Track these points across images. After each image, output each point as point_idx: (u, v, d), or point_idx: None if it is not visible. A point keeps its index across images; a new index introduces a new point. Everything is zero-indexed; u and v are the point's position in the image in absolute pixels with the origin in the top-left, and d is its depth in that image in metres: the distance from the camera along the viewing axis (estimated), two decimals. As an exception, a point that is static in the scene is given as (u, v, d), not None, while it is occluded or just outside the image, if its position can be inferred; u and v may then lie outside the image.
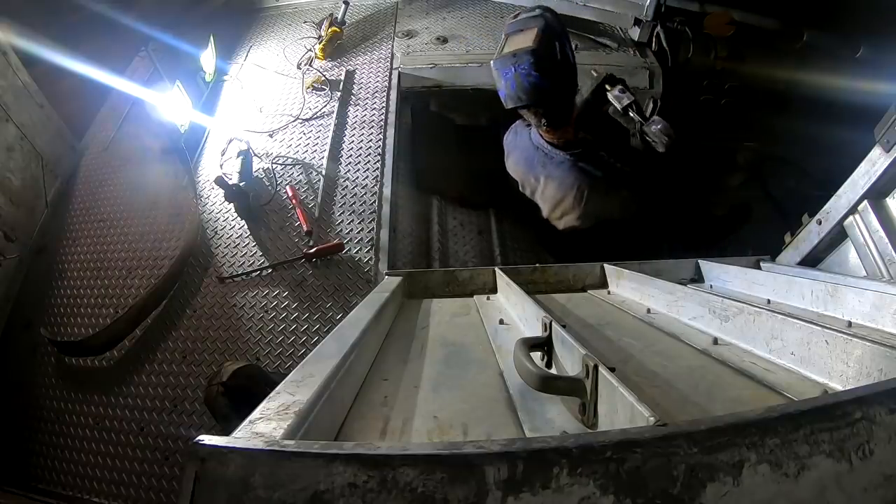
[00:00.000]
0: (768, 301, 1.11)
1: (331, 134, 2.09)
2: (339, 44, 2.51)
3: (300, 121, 2.17)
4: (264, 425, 0.47)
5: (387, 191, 1.90)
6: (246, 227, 1.84)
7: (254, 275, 1.72)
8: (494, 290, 1.37)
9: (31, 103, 1.97)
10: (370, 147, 2.05)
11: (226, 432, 0.43)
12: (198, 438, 0.37)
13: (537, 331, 0.83)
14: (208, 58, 2.34)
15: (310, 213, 1.84)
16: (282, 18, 2.81)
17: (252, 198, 1.86)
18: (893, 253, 1.15)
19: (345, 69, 2.38)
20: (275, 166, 2.00)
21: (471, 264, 2.00)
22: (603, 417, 0.58)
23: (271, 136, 2.14)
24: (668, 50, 2.26)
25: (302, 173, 1.99)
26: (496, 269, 1.37)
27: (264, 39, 2.67)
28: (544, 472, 0.34)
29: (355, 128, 2.13)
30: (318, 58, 2.43)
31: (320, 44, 2.43)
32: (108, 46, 2.42)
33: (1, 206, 1.80)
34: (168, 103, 2.04)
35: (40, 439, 1.55)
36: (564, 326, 0.76)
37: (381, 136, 2.08)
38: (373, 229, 1.78)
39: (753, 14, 2.25)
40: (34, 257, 1.94)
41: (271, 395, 0.54)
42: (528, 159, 1.79)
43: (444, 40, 2.46)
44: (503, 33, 1.58)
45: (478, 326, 1.07)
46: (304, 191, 1.93)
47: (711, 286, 1.34)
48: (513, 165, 1.91)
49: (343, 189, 1.93)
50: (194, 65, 2.34)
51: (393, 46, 2.47)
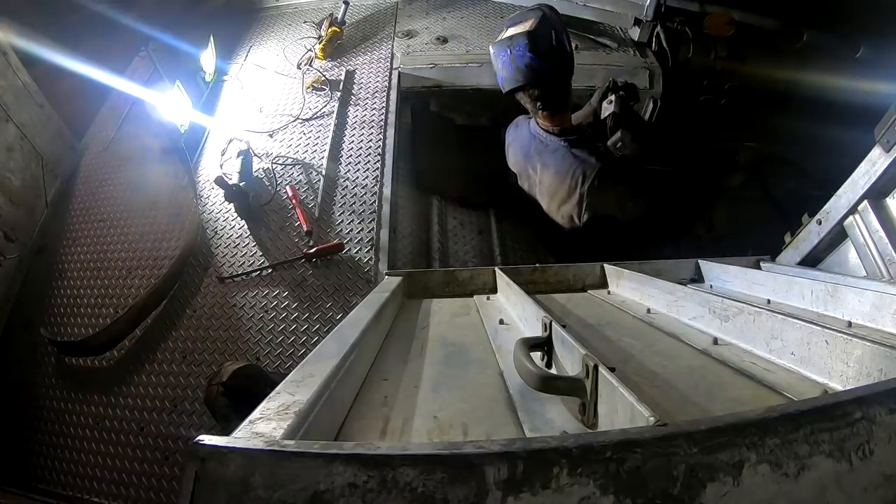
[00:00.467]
0: (768, 301, 1.11)
1: (331, 134, 2.09)
2: (339, 44, 2.51)
3: (300, 121, 2.17)
4: (264, 425, 0.47)
5: (387, 191, 1.90)
6: (246, 227, 1.84)
7: (254, 275, 1.72)
8: (494, 290, 1.37)
9: (31, 103, 1.97)
10: (370, 147, 2.05)
11: (226, 432, 0.43)
12: (198, 438, 0.37)
13: (537, 331, 0.83)
14: (208, 58, 2.34)
15: (310, 213, 1.84)
16: (282, 18, 2.81)
17: (252, 198, 1.86)
18: (893, 253, 1.15)
19: (345, 69, 2.38)
20: (275, 166, 2.00)
21: (471, 264, 2.00)
22: (603, 417, 0.58)
23: (271, 136, 2.14)
24: (668, 50, 2.26)
25: (302, 173, 1.99)
26: (496, 269, 1.37)
27: (264, 39, 2.67)
28: (544, 472, 0.34)
29: (355, 128, 2.13)
30: (318, 58, 2.43)
31: (320, 44, 2.43)
32: (108, 46, 2.42)
33: (1, 206, 1.80)
34: (168, 103, 2.04)
35: (40, 439, 1.55)
36: (564, 326, 0.76)
37: (381, 136, 2.08)
38: (373, 229, 1.78)
39: (753, 14, 2.25)
40: (34, 257, 1.94)
41: (271, 395, 0.54)
42: (525, 149, 1.81)
43: (444, 40, 2.46)
44: (504, 26, 1.62)
45: (478, 326, 1.07)
46: (304, 191, 1.93)
47: (711, 286, 1.34)
48: (512, 158, 1.92)
49: (343, 189, 1.93)
50: (194, 65, 2.34)
51: (393, 46, 2.47)
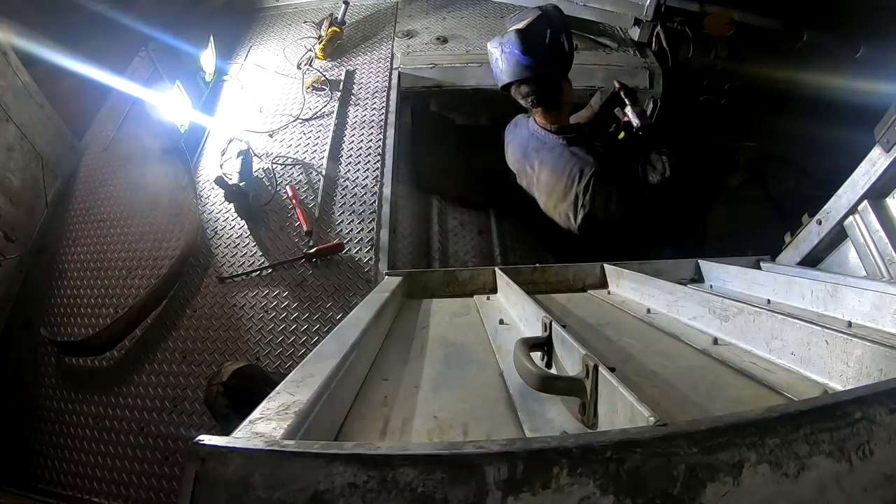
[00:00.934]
0: (768, 301, 1.11)
1: (331, 134, 2.09)
2: (339, 44, 2.51)
3: (300, 121, 2.17)
4: (264, 425, 0.47)
5: (387, 191, 1.90)
6: (246, 227, 1.84)
7: (254, 275, 1.72)
8: (494, 290, 1.37)
9: (31, 103, 1.97)
10: (370, 147, 2.05)
11: (226, 432, 0.43)
12: (198, 438, 0.37)
13: (537, 331, 0.83)
14: (208, 58, 2.34)
15: (310, 213, 1.84)
16: (282, 18, 2.81)
17: (252, 198, 1.86)
18: (893, 253, 1.15)
19: (345, 69, 2.38)
20: (275, 166, 2.00)
21: (471, 264, 2.00)
22: (603, 417, 0.58)
23: (271, 136, 2.14)
24: (668, 50, 2.26)
25: (302, 173, 1.99)
26: (496, 269, 1.37)
27: (264, 39, 2.67)
28: (544, 472, 0.34)
29: (355, 128, 2.13)
30: (318, 58, 2.43)
31: (320, 44, 2.43)
32: (108, 46, 2.42)
33: (1, 206, 1.80)
34: (168, 103, 2.04)
35: (40, 439, 1.55)
36: (564, 326, 0.76)
37: (381, 136, 2.08)
38: (373, 229, 1.78)
39: (753, 14, 2.25)
40: (34, 257, 1.94)
41: (271, 395, 0.54)
42: (523, 147, 1.82)
43: (444, 40, 2.46)
44: (506, 24, 1.65)
45: (478, 326, 1.07)
46: (304, 191, 1.93)
47: (711, 286, 1.34)
48: (511, 156, 1.93)
49: (343, 189, 1.93)
50: (194, 65, 2.34)
51: (393, 46, 2.47)
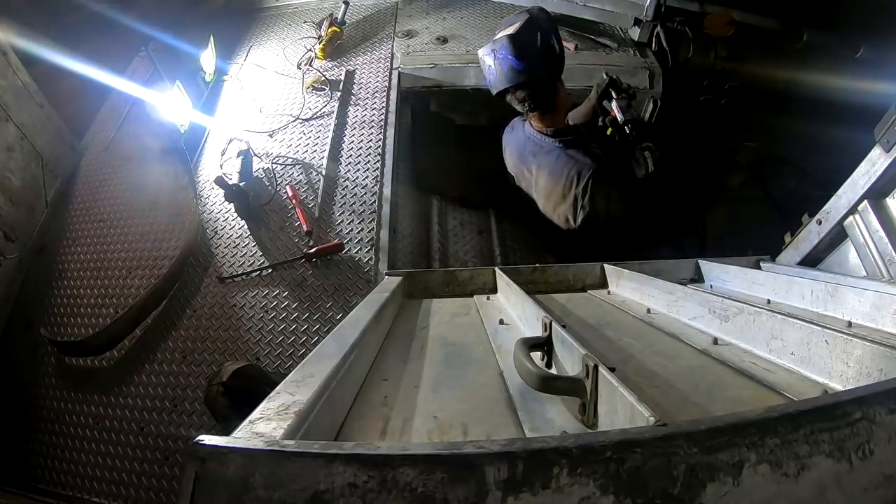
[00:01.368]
0: (768, 301, 1.11)
1: (331, 134, 2.09)
2: (339, 44, 2.51)
3: (300, 121, 2.17)
4: (264, 425, 0.47)
5: (387, 191, 1.90)
6: (246, 227, 1.84)
7: (254, 275, 1.72)
8: (494, 290, 1.37)
9: (31, 103, 1.97)
10: (370, 147, 2.05)
11: (226, 432, 0.43)
12: (198, 438, 0.37)
13: (537, 331, 0.83)
14: (208, 58, 2.34)
15: (310, 213, 1.84)
16: (282, 18, 2.81)
17: (252, 198, 1.86)
18: (893, 253, 1.15)
19: (345, 69, 2.38)
20: (275, 166, 2.00)
21: (471, 264, 2.00)
22: (603, 417, 0.58)
23: (271, 136, 2.14)
24: (668, 50, 2.26)
25: (302, 173, 1.99)
26: (496, 269, 1.37)
27: (264, 39, 2.67)
28: (544, 472, 0.34)
29: (355, 128, 2.13)
30: (318, 58, 2.43)
31: (320, 44, 2.43)
32: (108, 46, 2.43)
33: (1, 206, 1.80)
34: (168, 103, 2.04)
35: (40, 439, 1.55)
36: (564, 326, 0.76)
37: (381, 136, 2.08)
38: (373, 229, 1.78)
39: (753, 14, 2.25)
40: (34, 257, 1.93)
41: (271, 395, 0.54)
42: (520, 151, 1.81)
43: (444, 40, 2.46)
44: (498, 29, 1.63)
45: (478, 326, 1.07)
46: (304, 191, 1.93)
47: (711, 286, 1.34)
48: (509, 160, 1.93)
49: (343, 189, 1.93)
50: (194, 65, 2.34)
51: (393, 46, 2.47)
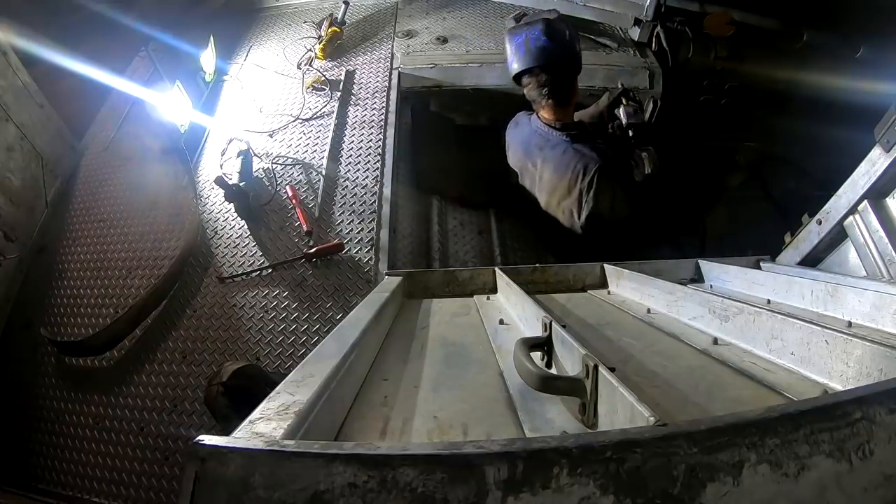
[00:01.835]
0: (768, 301, 1.11)
1: (331, 134, 2.09)
2: (339, 44, 2.51)
3: (300, 121, 2.17)
4: (264, 425, 0.47)
5: (387, 191, 1.90)
6: (246, 227, 1.84)
7: (254, 275, 1.72)
8: (494, 290, 1.37)
9: (31, 103, 1.97)
10: (370, 147, 2.05)
11: (226, 432, 0.43)
12: (198, 438, 0.37)
13: (537, 331, 0.83)
14: (208, 58, 2.34)
15: (310, 213, 1.84)
16: (282, 18, 2.81)
17: (252, 198, 1.86)
18: (893, 253, 1.15)
19: (345, 69, 2.38)
20: (275, 166, 2.00)
21: (471, 264, 2.00)
22: (603, 417, 0.58)
23: (271, 136, 2.14)
24: (668, 50, 2.26)
25: (302, 173, 1.99)
26: (496, 269, 1.37)
27: (264, 39, 2.67)
28: (544, 472, 0.34)
29: (355, 128, 2.13)
30: (318, 58, 2.43)
31: (320, 44, 2.43)
32: (108, 46, 2.43)
33: (1, 206, 1.79)
34: (168, 103, 2.04)
35: (40, 439, 1.55)
36: (564, 326, 0.76)
37: (381, 136, 2.08)
38: (373, 229, 1.78)
39: (753, 14, 2.25)
40: (34, 257, 1.93)
41: (271, 395, 0.54)
42: (525, 144, 1.81)
43: (444, 40, 2.46)
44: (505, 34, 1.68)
45: (478, 326, 1.07)
46: (304, 191, 1.93)
47: (711, 286, 1.34)
48: (512, 155, 1.92)
49: (343, 189, 1.93)
50: (194, 65, 2.34)
51: (393, 46, 2.47)
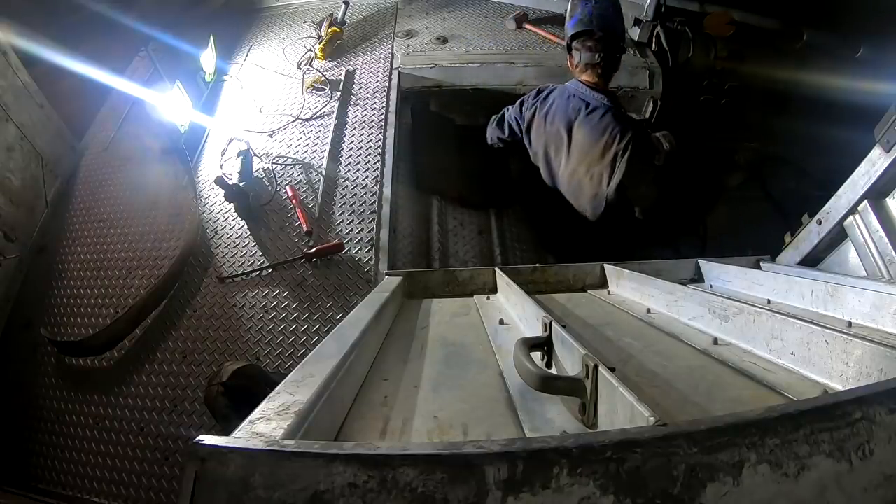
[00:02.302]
0: (768, 301, 1.11)
1: (331, 134, 2.09)
2: (339, 44, 2.51)
3: (300, 121, 2.17)
4: (264, 425, 0.47)
5: (387, 191, 1.90)
6: (246, 227, 1.84)
7: (254, 275, 1.72)
8: (494, 290, 1.37)
9: (31, 103, 1.97)
10: (370, 147, 2.05)
11: (226, 432, 0.43)
12: (198, 438, 0.37)
13: (537, 331, 0.83)
14: (208, 58, 2.34)
15: (310, 213, 1.84)
16: (282, 18, 2.81)
17: (252, 198, 1.86)
18: (893, 253, 1.15)
19: (345, 69, 2.38)
20: (275, 166, 2.00)
21: (471, 264, 2.00)
22: (603, 417, 0.58)
23: (271, 136, 2.14)
24: (668, 50, 2.26)
25: (302, 173, 1.99)
26: (496, 269, 1.37)
27: (264, 39, 2.67)
28: (544, 472, 0.34)
29: (355, 128, 2.13)
30: (318, 58, 2.43)
31: (320, 44, 2.43)
32: (108, 46, 2.43)
33: (1, 206, 1.79)
34: (168, 103, 2.04)
35: (40, 439, 1.55)
36: (564, 326, 0.76)
37: (381, 136, 2.08)
38: (373, 229, 1.78)
39: (753, 14, 2.25)
40: (34, 257, 1.93)
41: (271, 395, 0.54)
42: (562, 109, 1.83)
43: (444, 40, 2.46)
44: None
45: (478, 326, 1.07)
46: (304, 191, 1.93)
47: (711, 286, 1.34)
48: (537, 127, 1.92)
49: (343, 189, 1.93)
50: (194, 65, 2.34)
51: (393, 46, 2.47)
